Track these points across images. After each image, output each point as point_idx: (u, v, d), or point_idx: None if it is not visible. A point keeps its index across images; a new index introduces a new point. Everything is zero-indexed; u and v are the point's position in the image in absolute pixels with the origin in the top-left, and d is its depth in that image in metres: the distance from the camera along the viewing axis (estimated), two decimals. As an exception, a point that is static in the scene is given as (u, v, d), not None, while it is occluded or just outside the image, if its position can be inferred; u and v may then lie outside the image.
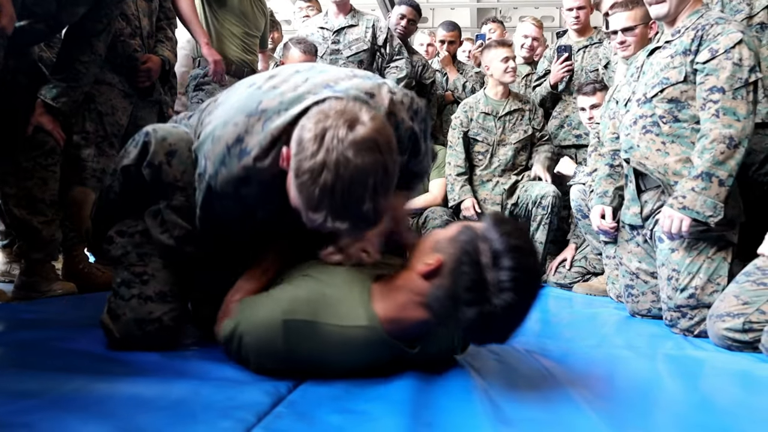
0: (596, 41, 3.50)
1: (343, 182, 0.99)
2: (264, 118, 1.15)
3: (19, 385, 1.04)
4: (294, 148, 1.04)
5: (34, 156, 2.01)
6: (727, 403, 1.22)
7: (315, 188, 1.00)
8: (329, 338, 1.12)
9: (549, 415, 1.04)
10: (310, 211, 1.03)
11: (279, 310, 1.13)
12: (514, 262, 1.02)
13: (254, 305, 1.19)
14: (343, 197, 1.00)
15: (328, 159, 0.99)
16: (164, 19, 2.57)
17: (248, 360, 1.17)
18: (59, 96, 1.96)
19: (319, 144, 1.00)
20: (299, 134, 1.04)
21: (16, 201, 2.02)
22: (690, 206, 1.86)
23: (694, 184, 1.87)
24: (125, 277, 1.34)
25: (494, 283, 1.02)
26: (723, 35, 1.89)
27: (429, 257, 1.11)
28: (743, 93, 1.86)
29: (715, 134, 1.85)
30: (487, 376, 1.25)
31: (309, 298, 1.15)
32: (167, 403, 0.99)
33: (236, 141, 1.16)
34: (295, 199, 1.05)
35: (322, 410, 1.00)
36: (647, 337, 1.90)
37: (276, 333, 1.12)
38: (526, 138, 3.39)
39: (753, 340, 1.67)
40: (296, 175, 1.02)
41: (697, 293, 1.93)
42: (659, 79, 2.04)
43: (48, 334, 1.47)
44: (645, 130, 2.08)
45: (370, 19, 3.64)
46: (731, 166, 1.83)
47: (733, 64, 1.86)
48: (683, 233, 1.89)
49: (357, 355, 1.16)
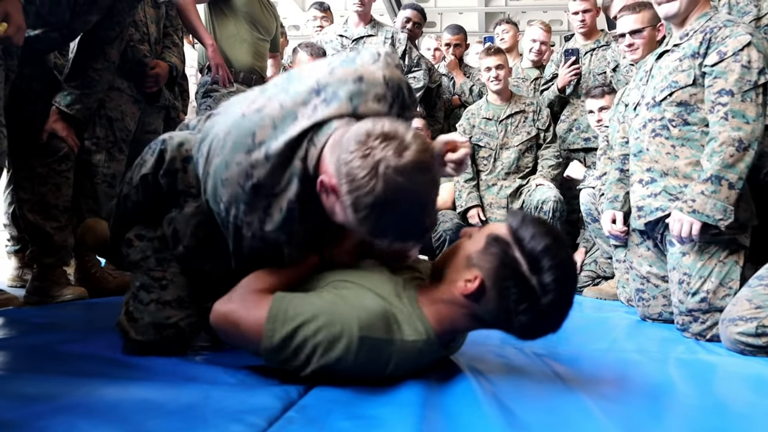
0: (603, 44, 3.51)
1: (406, 210, 1.03)
2: (265, 148, 1.13)
3: (31, 389, 1.05)
4: (345, 185, 1.03)
5: (49, 162, 2.04)
6: (740, 408, 1.20)
7: (380, 220, 1.03)
8: (390, 351, 1.12)
9: (559, 419, 1.04)
10: (374, 237, 1.09)
11: (356, 325, 1.08)
12: (552, 262, 1.06)
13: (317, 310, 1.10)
14: (407, 223, 1.06)
15: (388, 192, 1.00)
16: (170, 26, 2.60)
17: (304, 366, 1.10)
18: (73, 103, 1.99)
19: (373, 177, 1.00)
20: (346, 169, 1.02)
21: (30, 206, 2.04)
22: (700, 210, 1.85)
23: (703, 187, 1.85)
24: (144, 282, 1.35)
25: (539, 287, 1.06)
26: (731, 38, 1.88)
27: (466, 273, 1.13)
28: (752, 95, 1.85)
29: (724, 137, 1.84)
30: (495, 379, 1.25)
31: (379, 312, 1.11)
32: (178, 407, 0.99)
33: (246, 177, 1.13)
34: (353, 226, 1.07)
35: (333, 415, 1.00)
36: (658, 341, 1.88)
37: (350, 346, 1.08)
38: (530, 139, 3.40)
39: (766, 344, 1.65)
40: (355, 210, 1.03)
41: (709, 297, 1.92)
42: (668, 83, 2.03)
43: (59, 339, 1.48)
44: (654, 133, 2.07)
45: (389, 30, 3.66)
46: (741, 169, 1.82)
47: (741, 66, 1.85)
48: (693, 237, 1.88)
49: (408, 363, 1.16)
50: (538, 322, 1.11)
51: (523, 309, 1.08)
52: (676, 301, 2.01)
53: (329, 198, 1.09)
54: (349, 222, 1.07)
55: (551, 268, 1.06)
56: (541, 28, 3.88)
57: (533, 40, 3.91)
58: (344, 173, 1.03)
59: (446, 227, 3.21)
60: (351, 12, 3.67)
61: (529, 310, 1.08)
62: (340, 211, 1.08)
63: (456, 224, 3.22)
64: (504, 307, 1.10)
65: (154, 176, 1.33)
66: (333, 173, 1.06)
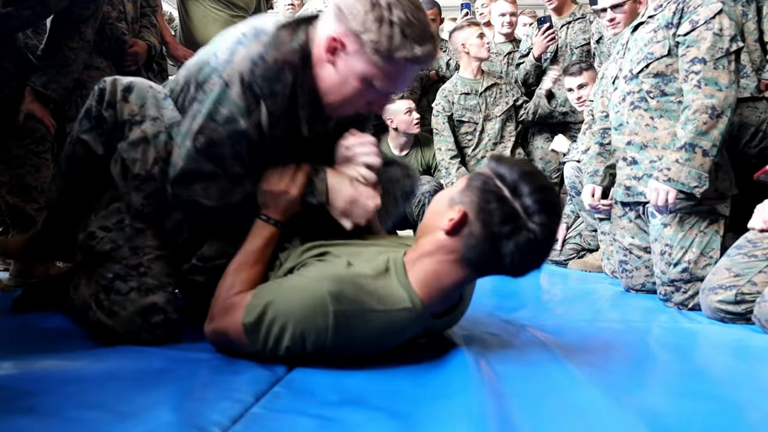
0: (579, 16, 3.51)
1: (411, 8, 1.14)
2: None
3: (19, 369, 1.05)
4: (349, 21, 1.14)
5: (26, 143, 2.01)
6: (720, 373, 1.24)
7: (392, 26, 1.13)
8: (374, 324, 1.09)
9: (545, 386, 1.05)
10: (395, 51, 1.14)
11: (327, 299, 1.06)
12: (532, 186, 1.06)
13: (288, 292, 1.11)
14: (417, 20, 1.15)
15: (386, 1, 1.13)
16: (147, 6, 2.55)
17: (280, 347, 1.09)
18: (49, 83, 1.95)
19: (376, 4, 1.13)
20: (347, 12, 1.15)
21: (8, 188, 2.01)
22: (675, 178, 1.87)
23: (678, 155, 1.87)
24: (118, 272, 1.28)
25: (523, 210, 1.05)
26: (703, 6, 1.90)
27: (449, 213, 1.11)
28: (724, 63, 1.86)
29: (698, 105, 1.85)
30: (482, 350, 1.26)
31: (353, 282, 1.09)
32: (166, 385, 1.00)
33: (251, 27, 1.24)
34: (364, 63, 1.17)
35: (320, 389, 1.01)
36: (641, 311, 1.91)
37: (325, 323, 1.06)
38: (510, 108, 3.49)
39: (745, 311, 1.69)
40: (365, 30, 1.13)
41: (690, 267, 1.95)
42: (644, 55, 2.03)
43: (40, 318, 1.47)
44: (633, 106, 2.08)
45: None
46: (714, 136, 1.84)
47: (713, 34, 1.86)
48: (670, 205, 1.90)
49: (394, 336, 1.14)
50: (527, 250, 1.06)
51: (509, 232, 1.05)
52: (659, 272, 2.04)
53: (338, 56, 1.19)
54: (364, 65, 1.17)
55: (532, 192, 1.05)
56: (506, 0, 3.88)
57: (502, 15, 3.90)
58: (347, 14, 1.15)
59: (424, 189, 3.15)
60: None
61: (514, 233, 1.05)
62: (356, 61, 1.17)
63: (434, 186, 3.18)
64: (489, 235, 1.06)
65: (98, 111, 1.32)
66: (338, 26, 1.16)
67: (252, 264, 1.24)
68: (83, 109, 1.37)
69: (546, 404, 0.97)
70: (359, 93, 1.23)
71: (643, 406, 0.97)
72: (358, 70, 1.18)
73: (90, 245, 1.32)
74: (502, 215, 1.05)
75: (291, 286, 1.12)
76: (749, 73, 2.37)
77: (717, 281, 1.75)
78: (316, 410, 0.91)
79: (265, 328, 1.09)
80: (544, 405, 0.97)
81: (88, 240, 1.32)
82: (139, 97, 1.30)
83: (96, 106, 1.33)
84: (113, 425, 0.83)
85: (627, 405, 0.96)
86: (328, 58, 1.21)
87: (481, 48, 3.40)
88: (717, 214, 1.97)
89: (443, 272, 1.13)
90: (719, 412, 0.98)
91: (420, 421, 0.89)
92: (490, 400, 0.95)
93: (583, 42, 3.47)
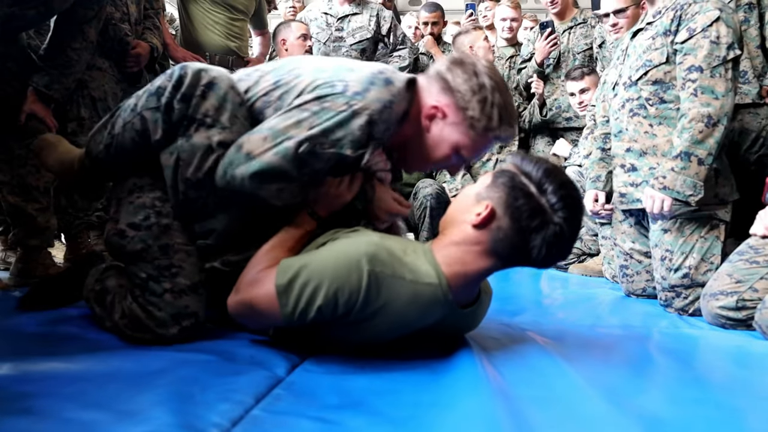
0: (580, 21, 3.52)
1: (506, 94, 1.31)
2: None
3: (17, 370, 1.05)
4: (456, 96, 1.29)
5: (28, 143, 2.00)
6: (721, 379, 1.23)
7: (493, 108, 1.28)
8: (402, 293, 1.12)
9: (546, 390, 1.05)
10: (491, 130, 1.29)
11: (363, 258, 1.10)
12: (556, 183, 1.13)
13: (323, 255, 1.14)
14: (509, 104, 1.31)
15: (491, 85, 1.28)
16: (150, 8, 2.56)
17: (311, 308, 1.10)
18: (51, 83, 1.95)
19: (475, 79, 1.29)
20: (455, 88, 1.30)
21: (10, 188, 2.02)
22: (670, 186, 1.87)
23: (673, 164, 1.87)
24: (150, 272, 1.28)
25: (549, 205, 1.12)
26: (700, 14, 1.89)
27: (476, 208, 1.16)
28: (721, 71, 1.85)
29: (693, 113, 1.85)
30: (483, 353, 1.26)
31: (387, 249, 1.14)
32: (166, 387, 0.99)
33: (379, 72, 1.28)
34: (460, 134, 1.31)
35: (320, 391, 1.01)
36: (642, 316, 1.91)
37: (359, 282, 1.09)
38: None
39: (746, 317, 1.68)
40: (469, 108, 1.28)
41: (691, 273, 1.95)
42: (642, 62, 2.03)
43: (45, 320, 1.47)
44: (632, 113, 2.08)
45: (374, 7, 3.62)
46: (710, 145, 1.83)
47: (710, 42, 1.86)
48: (665, 213, 1.90)
49: (418, 313, 1.16)
50: (553, 242, 1.12)
51: (536, 226, 1.11)
52: (659, 278, 2.03)
53: (435, 123, 1.32)
54: (460, 136, 1.31)
55: (556, 189, 1.11)
56: (509, 5, 3.91)
57: (503, 19, 3.94)
58: (452, 87, 1.30)
59: (426, 192, 3.15)
60: None
61: (541, 227, 1.11)
62: (453, 131, 1.31)
63: (436, 189, 3.18)
64: (518, 229, 1.12)
65: (169, 99, 1.25)
66: (443, 97, 1.31)
67: (285, 249, 1.26)
68: (154, 85, 1.30)
69: (547, 409, 0.97)
70: (446, 158, 1.35)
71: (644, 412, 0.97)
72: (453, 139, 1.32)
73: (121, 244, 1.31)
74: (530, 210, 1.11)
75: (327, 250, 1.16)
76: (751, 79, 2.37)
77: (718, 287, 1.75)
78: (317, 413, 0.91)
79: (298, 287, 1.11)
80: (544, 410, 0.96)
81: (118, 238, 1.32)
82: (217, 98, 1.26)
83: (170, 92, 1.26)
84: (113, 426, 0.83)
85: (628, 411, 0.96)
86: (425, 123, 1.33)
87: (489, 51, 3.42)
88: (718, 220, 1.97)
89: (469, 260, 1.17)
90: (720, 418, 0.98)
91: (420, 426, 0.89)
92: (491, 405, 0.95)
93: (585, 47, 3.48)
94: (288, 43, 3.30)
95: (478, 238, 1.16)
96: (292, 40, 3.30)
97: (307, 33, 3.30)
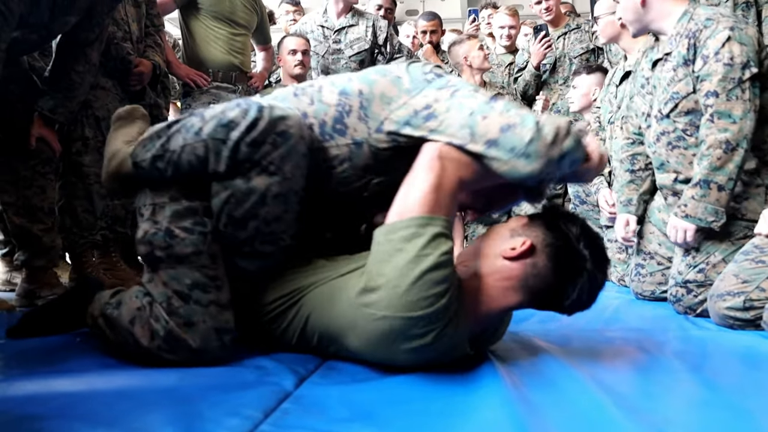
0: (574, 27, 3.56)
1: None
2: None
3: (25, 391, 1.05)
4: None
5: (33, 165, 2.03)
6: (732, 381, 1.22)
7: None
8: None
9: (558, 397, 1.04)
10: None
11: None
12: (590, 236, 1.18)
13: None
14: None
15: None
16: (152, 26, 2.58)
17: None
18: (56, 107, 1.97)
19: None
20: None
21: (15, 209, 2.03)
22: (692, 214, 1.87)
23: (693, 192, 1.87)
24: (198, 280, 1.22)
25: (584, 255, 1.16)
26: (711, 38, 1.87)
27: (511, 243, 1.18)
28: (737, 93, 1.83)
29: (711, 140, 1.84)
30: (490, 360, 1.25)
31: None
32: (174, 403, 0.99)
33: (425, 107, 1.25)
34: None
35: (329, 404, 1.00)
36: (650, 320, 1.91)
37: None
38: None
39: (754, 317, 1.67)
40: None
41: (706, 269, 1.93)
42: (669, 95, 2.02)
43: (52, 339, 1.47)
44: (671, 146, 2.06)
45: (370, 18, 3.65)
46: (730, 170, 1.82)
47: (723, 65, 1.83)
48: (689, 242, 1.90)
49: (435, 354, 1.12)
50: (584, 288, 1.16)
51: (573, 270, 1.15)
52: (675, 272, 2.02)
53: None
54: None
55: (591, 241, 1.17)
56: (506, 14, 3.95)
57: (501, 27, 3.97)
58: None
59: None
60: (331, 2, 3.63)
61: (578, 272, 1.15)
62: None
63: None
64: (554, 268, 1.15)
65: (239, 139, 1.18)
66: None
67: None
68: (225, 115, 1.21)
69: (557, 414, 0.96)
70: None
71: (656, 417, 0.96)
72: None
73: (168, 244, 1.23)
74: (569, 253, 1.16)
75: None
76: None
77: (725, 288, 1.74)
78: (326, 426, 0.91)
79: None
80: (555, 415, 0.96)
81: (166, 237, 1.23)
82: (287, 149, 1.20)
83: (242, 132, 1.18)
84: (123, 445, 0.83)
85: (639, 415, 0.95)
86: None
87: (484, 60, 3.43)
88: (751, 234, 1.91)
89: (495, 296, 1.18)
90: (732, 421, 0.97)
91: (430, 435, 0.89)
92: (503, 413, 0.95)
93: (581, 51, 3.52)
94: (282, 58, 3.33)
95: (510, 272, 1.17)
96: (283, 55, 3.33)
97: (298, 48, 3.29)
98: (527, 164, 1.15)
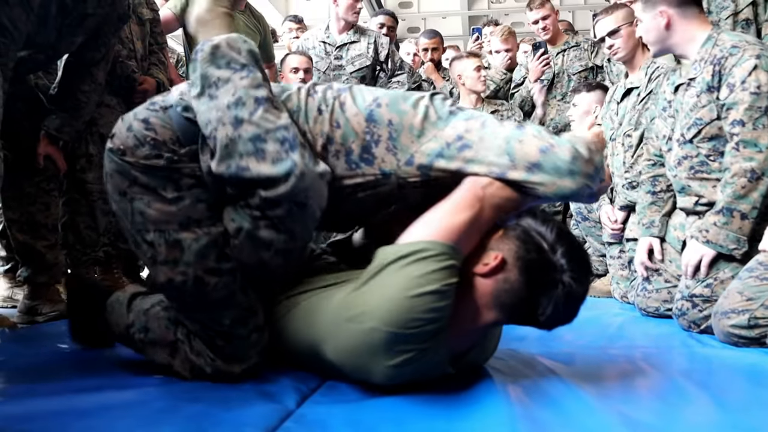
0: (573, 44, 3.58)
1: None
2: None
3: (26, 407, 1.05)
4: None
5: (38, 181, 2.04)
6: (738, 400, 1.21)
7: None
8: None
9: (562, 417, 1.04)
10: None
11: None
12: (567, 245, 1.12)
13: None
14: None
15: None
16: (155, 44, 2.60)
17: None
18: (62, 126, 1.99)
19: None
20: None
21: (19, 226, 2.04)
22: (713, 240, 1.87)
23: (716, 218, 1.87)
24: (236, 316, 1.22)
25: (560, 265, 1.11)
26: (737, 66, 1.86)
27: (484, 258, 1.14)
28: (764, 121, 1.83)
29: (736, 168, 1.84)
30: (492, 378, 1.25)
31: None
32: (177, 422, 0.99)
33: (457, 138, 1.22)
34: None
35: (331, 422, 0.99)
36: (654, 337, 1.89)
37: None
38: None
39: (759, 335, 1.66)
40: None
41: (714, 284, 1.91)
42: (692, 120, 2.01)
43: (55, 356, 1.47)
44: (694, 171, 2.05)
45: (371, 34, 3.68)
46: (754, 199, 1.83)
47: (750, 93, 1.83)
48: (702, 268, 1.90)
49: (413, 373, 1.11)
50: (560, 301, 1.11)
51: (546, 282, 1.10)
52: (683, 286, 2.00)
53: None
54: None
55: (567, 250, 1.11)
56: (499, 38, 3.90)
57: (497, 52, 3.92)
58: None
59: None
60: (333, 19, 3.67)
61: (551, 284, 1.10)
62: None
63: None
64: (526, 281, 1.11)
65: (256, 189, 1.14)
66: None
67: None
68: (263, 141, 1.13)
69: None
70: None
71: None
72: None
73: (203, 292, 1.19)
74: (541, 265, 1.11)
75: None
76: None
77: (729, 305, 1.73)
78: (328, 446, 0.90)
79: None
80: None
81: (198, 287, 1.19)
82: (300, 217, 1.17)
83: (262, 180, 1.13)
84: (124, 465, 0.82)
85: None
86: None
87: (477, 81, 3.38)
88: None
89: (473, 316, 1.15)
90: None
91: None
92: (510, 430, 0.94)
93: (580, 68, 3.54)
94: (284, 76, 3.35)
95: (483, 289, 1.13)
96: (285, 73, 3.35)
97: (300, 66, 3.30)
98: (572, 182, 1.16)
